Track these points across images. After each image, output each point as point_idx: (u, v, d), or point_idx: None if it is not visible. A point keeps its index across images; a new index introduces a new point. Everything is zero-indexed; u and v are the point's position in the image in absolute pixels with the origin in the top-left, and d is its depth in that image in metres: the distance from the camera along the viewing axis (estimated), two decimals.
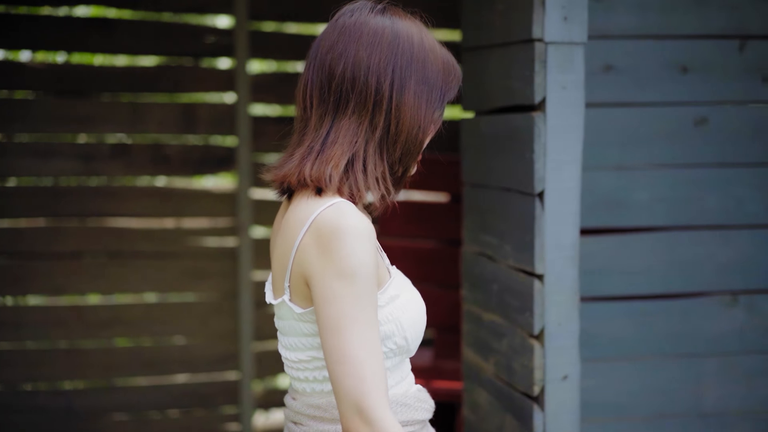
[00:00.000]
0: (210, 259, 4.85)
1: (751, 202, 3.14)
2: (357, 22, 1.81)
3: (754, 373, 3.18)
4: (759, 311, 3.17)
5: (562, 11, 2.44)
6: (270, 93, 4.88)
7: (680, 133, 3.09)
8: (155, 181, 4.84)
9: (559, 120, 2.46)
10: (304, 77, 1.84)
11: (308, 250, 1.72)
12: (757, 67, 3.12)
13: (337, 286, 1.69)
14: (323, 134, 1.79)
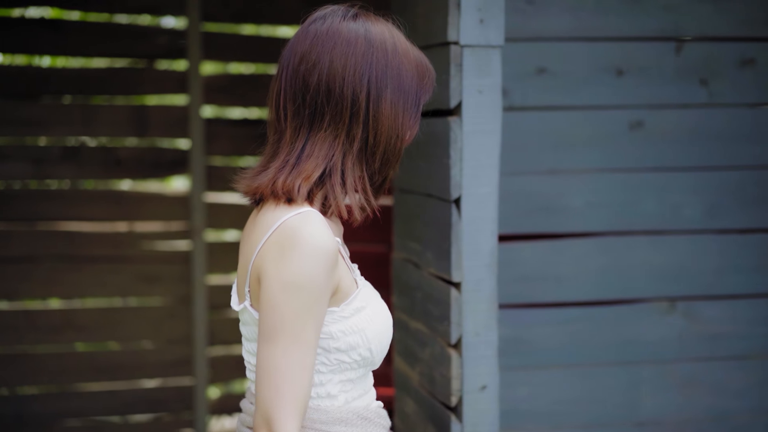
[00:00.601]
0: (163, 263, 4.80)
1: (689, 207, 3.09)
2: (330, 30, 1.78)
3: (692, 381, 3.13)
4: (697, 318, 3.12)
5: (478, 14, 2.39)
6: (223, 95, 4.83)
7: (615, 137, 3.04)
8: (107, 185, 4.78)
9: (475, 125, 2.41)
10: (276, 85, 1.81)
11: (266, 254, 1.70)
12: (693, 70, 3.07)
13: (282, 296, 1.67)
14: (298, 148, 1.76)
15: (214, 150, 4.79)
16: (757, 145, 3.11)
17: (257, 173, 1.80)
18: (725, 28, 3.08)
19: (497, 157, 2.42)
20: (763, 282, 3.15)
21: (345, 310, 1.80)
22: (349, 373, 1.85)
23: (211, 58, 4.80)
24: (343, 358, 1.82)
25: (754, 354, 3.17)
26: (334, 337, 1.80)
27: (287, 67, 1.79)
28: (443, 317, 2.49)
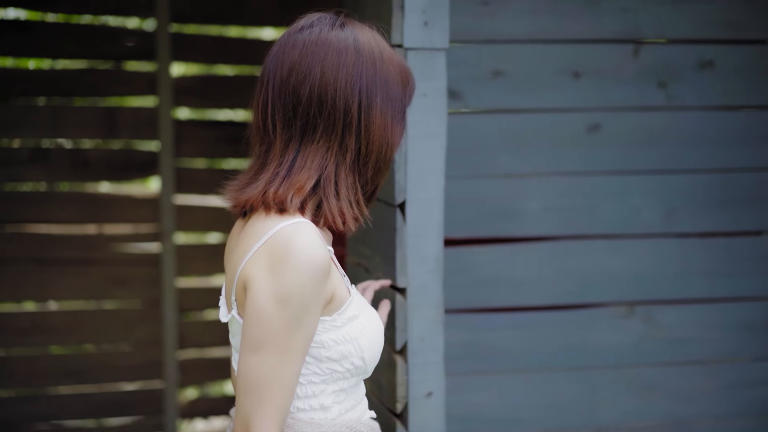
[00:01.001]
0: (133, 265, 4.77)
1: (647, 210, 3.07)
2: (319, 39, 1.75)
3: (651, 386, 3.10)
4: (656, 322, 3.09)
5: (422, 16, 2.36)
6: (193, 96, 4.80)
7: (572, 140, 3.01)
8: (76, 187, 4.74)
9: (420, 128, 2.38)
10: (262, 95, 1.78)
11: (256, 263, 1.68)
12: (651, 72, 3.04)
13: (271, 308, 1.65)
14: (289, 159, 1.74)
15: (184, 152, 4.77)
16: (717, 149, 3.09)
17: (245, 185, 1.77)
18: (684, 31, 3.05)
19: (443, 161, 2.40)
20: (722, 286, 3.12)
21: (338, 320, 1.79)
22: (342, 383, 1.84)
23: (180, 59, 4.77)
24: (336, 368, 1.81)
25: (713, 359, 3.14)
26: (326, 347, 1.78)
27: (274, 77, 1.76)
28: (389, 323, 2.46)
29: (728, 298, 3.14)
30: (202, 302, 4.87)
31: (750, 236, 3.15)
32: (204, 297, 4.87)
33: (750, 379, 3.16)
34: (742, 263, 3.13)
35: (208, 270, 4.90)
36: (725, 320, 3.14)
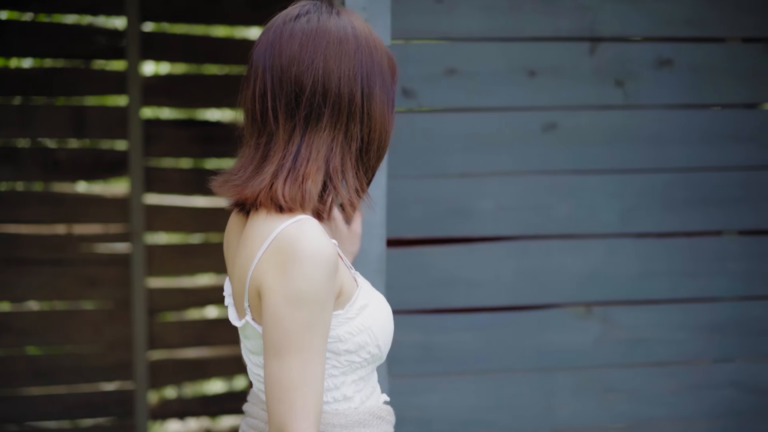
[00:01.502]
0: (102, 265, 4.74)
1: (605, 210, 3.03)
2: (318, 28, 1.72)
3: (610, 388, 3.07)
4: (614, 323, 3.06)
5: (363, 13, 2.33)
6: (163, 96, 4.76)
7: (528, 139, 2.98)
8: (46, 187, 4.71)
9: None
10: (258, 86, 1.73)
11: (265, 267, 1.66)
12: (609, 71, 3.01)
13: (286, 310, 1.64)
14: (293, 150, 1.71)
15: (154, 151, 4.73)
16: (676, 148, 3.05)
17: (248, 179, 1.73)
18: (642, 28, 3.02)
19: (385, 160, 2.36)
20: (681, 287, 3.09)
21: (350, 311, 1.78)
22: (360, 372, 1.83)
23: (150, 58, 4.74)
24: (354, 359, 1.80)
25: (673, 360, 3.11)
26: (342, 340, 1.77)
27: (272, 67, 1.72)
28: None
29: (689, 299, 3.10)
30: (173, 302, 4.84)
31: (711, 236, 3.11)
32: (174, 297, 4.83)
33: (712, 381, 3.13)
34: (702, 263, 3.10)
35: (179, 270, 4.86)
36: (686, 321, 3.10)
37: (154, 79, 4.78)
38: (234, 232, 1.86)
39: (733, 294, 3.12)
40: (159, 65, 4.96)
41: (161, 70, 4.95)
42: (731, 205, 3.09)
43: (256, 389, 1.88)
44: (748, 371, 3.14)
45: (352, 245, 2.10)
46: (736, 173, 3.09)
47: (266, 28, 1.77)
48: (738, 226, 3.11)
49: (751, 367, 3.14)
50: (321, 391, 1.68)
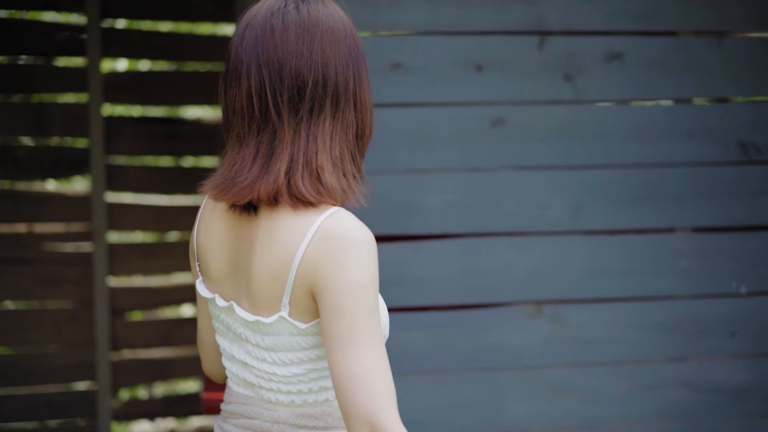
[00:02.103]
0: (64, 265, 4.68)
1: (554, 207, 2.98)
2: (310, 19, 1.70)
3: (561, 388, 3.02)
4: (564, 322, 3.01)
5: None
6: (124, 93, 4.71)
7: (475, 135, 2.93)
8: (6, 185, 4.65)
9: None
10: (253, 84, 1.69)
11: (317, 263, 1.64)
12: (558, 65, 2.96)
13: (352, 298, 1.63)
14: (303, 144, 1.68)
15: (116, 149, 4.68)
16: (626, 143, 3.01)
17: (258, 177, 1.68)
18: (591, 22, 2.98)
19: None
20: (633, 285, 3.04)
21: None
22: None
23: (111, 55, 4.69)
24: None
25: (625, 360, 3.06)
26: None
27: (267, 63, 1.68)
28: None
29: (641, 297, 3.06)
30: (136, 302, 4.78)
31: (662, 233, 3.06)
32: (137, 297, 4.78)
33: (665, 381, 3.08)
34: (654, 261, 3.05)
35: (142, 269, 4.81)
36: (638, 320, 3.06)
37: (115, 76, 4.73)
38: (220, 231, 1.79)
39: (686, 292, 3.08)
40: (120, 62, 4.90)
41: (123, 67, 4.90)
42: (684, 202, 3.04)
43: (264, 388, 1.79)
44: (701, 370, 3.09)
45: None
46: (689, 169, 3.04)
47: (246, 22, 1.72)
48: (691, 223, 3.06)
49: (705, 366, 3.10)
50: (391, 376, 1.65)
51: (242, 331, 1.76)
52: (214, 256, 1.79)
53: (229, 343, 1.81)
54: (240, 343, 1.79)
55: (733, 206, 3.07)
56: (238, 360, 1.80)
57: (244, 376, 1.80)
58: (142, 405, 4.95)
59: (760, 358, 3.11)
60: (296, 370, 1.75)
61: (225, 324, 1.80)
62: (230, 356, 1.82)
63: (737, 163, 3.07)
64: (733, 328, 3.10)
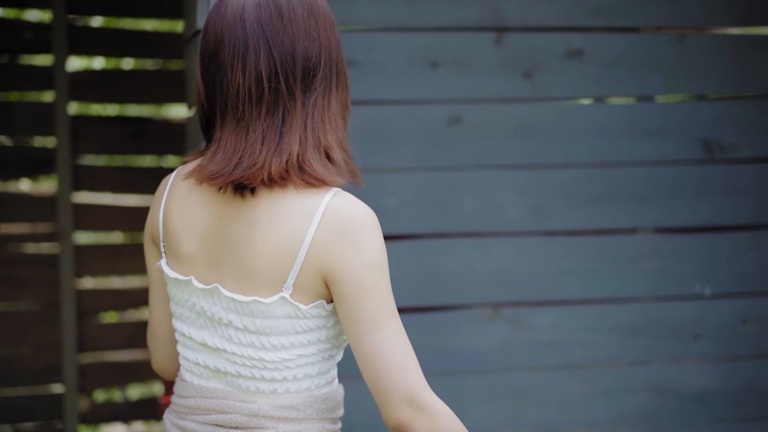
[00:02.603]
0: (30, 266, 4.61)
1: (513, 207, 2.92)
2: (309, 2, 1.72)
3: (521, 392, 2.95)
4: (524, 325, 2.94)
5: None
6: (91, 91, 4.63)
7: (432, 134, 2.86)
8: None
9: None
10: (263, 65, 1.67)
11: (331, 248, 1.65)
12: (516, 62, 2.89)
13: (374, 279, 1.66)
14: (312, 124, 1.69)
15: (83, 148, 4.60)
16: (587, 142, 2.94)
17: (269, 157, 1.66)
18: (550, 18, 2.91)
19: None
20: (594, 287, 2.97)
21: None
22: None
23: (77, 52, 4.61)
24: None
25: (586, 363, 2.99)
26: None
27: (277, 45, 1.67)
28: None
29: (602, 299, 2.99)
30: (103, 304, 4.71)
31: (624, 234, 3.00)
32: (105, 298, 4.71)
33: (627, 385, 3.01)
34: (616, 262, 2.98)
35: (109, 270, 4.74)
36: (599, 322, 2.99)
37: (82, 74, 4.65)
38: (198, 211, 1.74)
39: (649, 294, 3.01)
40: (87, 60, 4.83)
41: (89, 65, 4.82)
42: (646, 202, 2.98)
43: (243, 376, 1.75)
44: (664, 374, 3.02)
45: None
46: (651, 168, 2.98)
47: (233, 4, 1.68)
48: (654, 223, 2.99)
49: (668, 370, 3.03)
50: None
51: (223, 315, 1.73)
52: (187, 237, 1.75)
53: (198, 330, 1.77)
54: (216, 328, 1.74)
55: (697, 206, 3.00)
56: (210, 347, 1.75)
57: (216, 365, 1.76)
58: (111, 408, 4.88)
59: (724, 361, 3.05)
60: (285, 355, 1.72)
61: (195, 309, 1.76)
62: (198, 344, 1.77)
63: (701, 162, 3.01)
64: (697, 331, 3.03)
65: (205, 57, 1.70)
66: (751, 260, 3.04)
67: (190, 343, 1.79)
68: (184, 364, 1.82)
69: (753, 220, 3.04)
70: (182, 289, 1.77)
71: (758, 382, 3.06)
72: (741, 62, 3.01)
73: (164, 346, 1.93)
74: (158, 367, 1.98)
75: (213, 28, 1.70)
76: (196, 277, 1.74)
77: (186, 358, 1.80)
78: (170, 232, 1.77)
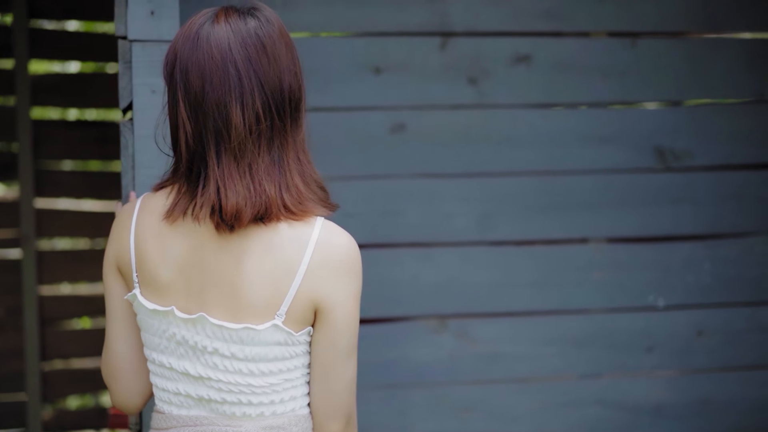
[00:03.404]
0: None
1: (459, 216, 2.85)
2: (282, 31, 1.72)
3: (468, 406, 2.89)
4: (471, 337, 2.87)
5: (149, 5, 2.14)
6: (54, 95, 4.57)
7: (374, 141, 2.80)
8: None
9: (149, 129, 2.15)
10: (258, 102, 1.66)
11: (324, 278, 1.69)
12: (461, 67, 2.82)
13: (355, 313, 1.73)
14: (300, 157, 1.72)
15: (46, 153, 4.54)
16: (536, 150, 2.87)
17: (267, 191, 1.66)
18: (497, 22, 2.84)
19: None
20: (543, 298, 2.90)
21: None
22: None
23: (39, 56, 4.55)
24: None
25: (535, 376, 2.92)
26: None
27: (267, 82, 1.67)
28: None
29: (551, 311, 2.92)
30: (67, 311, 4.65)
31: (575, 244, 2.92)
32: (68, 305, 4.64)
33: (578, 398, 2.94)
34: (566, 273, 2.91)
35: (73, 277, 4.67)
36: (549, 335, 2.92)
37: (44, 78, 4.58)
38: (177, 240, 1.71)
39: (600, 305, 2.94)
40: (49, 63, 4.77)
41: (51, 69, 4.76)
42: (597, 211, 2.91)
43: (228, 402, 1.73)
44: (616, 387, 2.95)
45: None
46: (602, 176, 2.91)
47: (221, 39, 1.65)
48: (605, 233, 2.92)
49: (620, 383, 2.96)
50: None
51: (208, 343, 1.71)
52: (164, 266, 1.72)
53: (178, 360, 1.74)
54: (200, 356, 1.72)
55: (650, 215, 2.93)
56: (193, 376, 1.73)
57: (199, 393, 1.74)
58: (73, 416, 4.81)
59: (678, 375, 2.97)
60: (273, 380, 1.72)
61: (176, 338, 1.73)
62: (178, 374, 1.74)
63: (654, 171, 2.93)
64: (650, 344, 2.96)
65: (190, 96, 1.66)
66: (706, 271, 2.96)
67: (169, 373, 1.76)
68: (160, 396, 1.78)
69: (708, 230, 2.97)
70: (160, 319, 1.73)
71: (714, 395, 2.99)
72: (696, 67, 2.93)
73: (128, 380, 1.85)
74: (122, 401, 1.88)
75: (196, 66, 1.65)
76: (177, 307, 1.72)
77: (163, 389, 1.77)
78: (144, 261, 1.73)
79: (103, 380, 1.88)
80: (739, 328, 2.99)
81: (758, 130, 2.96)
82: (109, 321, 1.83)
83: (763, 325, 2.99)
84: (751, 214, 2.97)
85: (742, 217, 2.97)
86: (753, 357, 2.99)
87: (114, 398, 1.88)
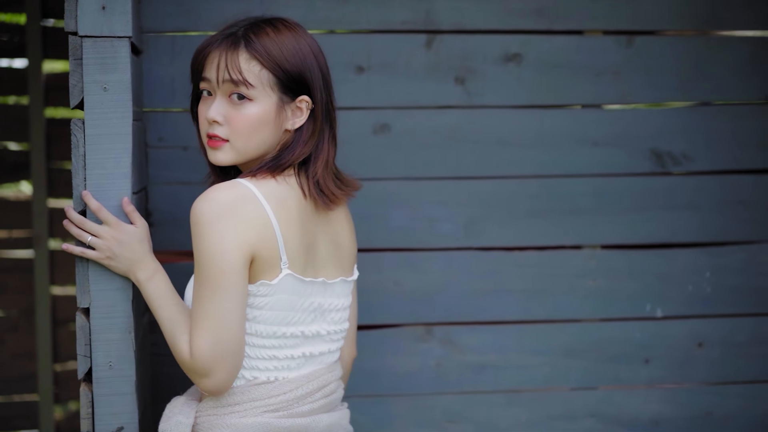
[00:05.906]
0: (5, 272, 4.53)
1: (444, 221, 2.75)
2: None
3: (454, 417, 2.79)
4: (457, 346, 2.78)
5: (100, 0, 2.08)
6: (67, 95, 4.52)
7: (358, 142, 2.72)
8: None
9: (100, 127, 2.11)
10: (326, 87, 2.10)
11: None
12: (448, 66, 2.73)
13: None
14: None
15: (59, 153, 4.51)
16: (524, 152, 2.76)
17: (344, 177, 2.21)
18: (486, 20, 2.74)
19: (128, 165, 2.11)
20: (533, 306, 2.80)
21: None
22: None
23: (52, 56, 4.52)
24: None
25: (525, 387, 2.82)
26: None
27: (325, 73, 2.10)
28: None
29: (543, 319, 2.81)
30: None
31: (567, 250, 2.81)
32: None
33: (571, 411, 2.84)
34: (558, 281, 2.80)
35: None
36: (540, 344, 2.81)
37: (57, 77, 4.56)
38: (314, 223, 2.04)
39: (595, 315, 2.83)
40: (62, 63, 4.75)
41: (65, 69, 4.73)
42: (591, 216, 2.79)
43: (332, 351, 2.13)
44: (610, 400, 2.84)
45: None
46: (595, 181, 2.79)
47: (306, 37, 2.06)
48: (599, 239, 2.81)
49: (616, 395, 2.84)
50: None
51: (334, 301, 2.08)
52: (311, 244, 2.02)
53: (308, 326, 2.03)
54: (324, 315, 2.06)
55: (647, 221, 2.81)
56: (317, 335, 2.05)
57: (312, 351, 2.05)
58: None
59: (676, 387, 2.84)
60: (346, 325, 2.15)
61: (312, 307, 2.02)
62: (305, 338, 2.03)
63: (651, 174, 2.81)
64: (647, 355, 2.84)
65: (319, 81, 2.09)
66: (706, 279, 2.83)
67: (293, 341, 2.01)
68: (275, 366, 2.00)
69: (709, 237, 2.84)
70: (306, 292, 2.00)
71: (714, 410, 2.86)
72: (695, 67, 2.80)
73: (240, 359, 1.96)
74: (229, 380, 1.97)
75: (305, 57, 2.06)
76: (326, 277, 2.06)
77: (284, 357, 2.00)
78: (295, 243, 1.96)
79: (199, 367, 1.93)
80: (741, 340, 2.85)
81: (763, 133, 2.83)
82: (230, 306, 1.91)
83: (766, 337, 2.85)
84: (754, 220, 2.84)
85: (745, 224, 2.83)
86: (755, 370, 2.86)
87: (221, 380, 1.94)
